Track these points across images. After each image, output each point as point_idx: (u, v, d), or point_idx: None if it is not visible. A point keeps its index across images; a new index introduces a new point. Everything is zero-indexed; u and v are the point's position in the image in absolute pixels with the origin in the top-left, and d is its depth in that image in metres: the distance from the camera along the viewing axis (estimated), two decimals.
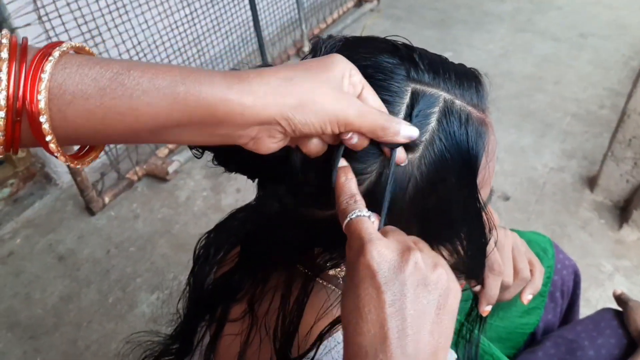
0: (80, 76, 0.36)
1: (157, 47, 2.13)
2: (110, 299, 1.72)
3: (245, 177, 0.56)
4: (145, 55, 2.08)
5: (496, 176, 2.04)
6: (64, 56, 0.37)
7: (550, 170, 2.12)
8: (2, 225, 1.99)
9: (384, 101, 0.47)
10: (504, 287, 0.72)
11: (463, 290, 0.78)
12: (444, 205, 0.50)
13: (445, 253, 0.55)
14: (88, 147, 0.44)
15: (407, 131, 0.45)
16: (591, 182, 2.01)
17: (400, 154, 0.46)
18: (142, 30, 2.03)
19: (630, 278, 1.67)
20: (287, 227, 0.52)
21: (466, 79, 0.51)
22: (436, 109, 0.48)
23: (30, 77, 0.35)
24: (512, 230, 0.90)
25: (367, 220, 0.43)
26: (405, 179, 0.48)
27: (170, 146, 2.23)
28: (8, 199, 2.05)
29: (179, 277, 1.74)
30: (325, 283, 0.59)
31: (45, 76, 0.35)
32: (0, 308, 1.71)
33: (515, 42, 3.06)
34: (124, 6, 1.94)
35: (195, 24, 2.28)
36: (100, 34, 1.89)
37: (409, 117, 0.47)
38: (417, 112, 0.47)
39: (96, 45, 1.90)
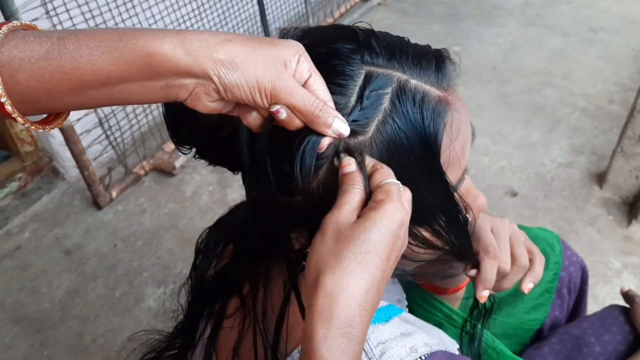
0: (26, 43, 0.40)
1: None
2: (116, 293, 1.72)
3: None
4: None
5: (504, 172, 2.04)
6: (12, 31, 0.41)
7: (558, 166, 2.10)
8: (9, 219, 2.00)
9: (338, 85, 0.48)
10: (501, 275, 0.72)
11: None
12: (410, 186, 0.49)
13: (427, 235, 0.55)
14: (55, 115, 0.47)
15: (337, 126, 0.45)
16: (600, 178, 1.99)
17: (323, 142, 0.46)
18: (149, 25, 2.03)
19: (638, 275, 1.66)
20: (267, 216, 0.52)
21: (425, 59, 0.51)
22: (389, 90, 0.49)
23: None
24: (519, 225, 0.90)
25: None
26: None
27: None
28: (16, 193, 2.06)
29: (184, 271, 1.75)
30: None
31: None
32: (7, 302, 1.72)
33: (525, 37, 3.04)
34: (131, 0, 1.94)
35: (202, 19, 2.28)
36: (107, 28, 1.89)
37: (360, 98, 0.48)
38: (369, 93, 0.48)
39: None
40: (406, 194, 0.48)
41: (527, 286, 0.75)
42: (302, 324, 0.55)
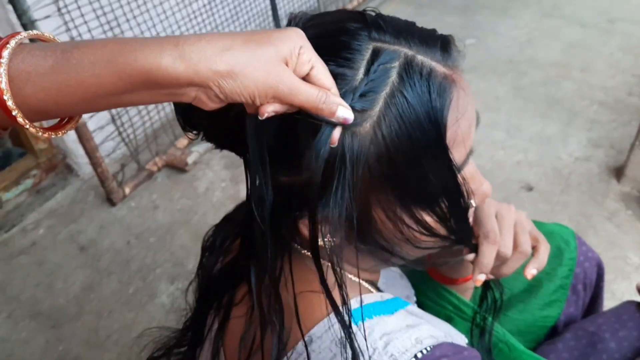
0: (32, 57, 0.41)
1: None
2: (130, 289, 1.73)
3: None
4: None
5: (520, 166, 2.01)
6: (20, 45, 0.42)
7: (575, 160, 2.06)
8: (25, 215, 2.02)
9: (345, 58, 0.48)
10: (501, 260, 0.72)
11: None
12: (414, 164, 0.50)
13: (429, 219, 0.54)
14: (67, 119, 0.48)
15: (342, 113, 0.46)
16: (618, 172, 1.95)
17: (334, 134, 0.47)
18: (161, 21, 2.04)
19: None
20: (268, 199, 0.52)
21: (431, 39, 0.52)
22: (396, 64, 0.49)
23: None
24: (535, 221, 0.88)
25: None
26: (367, 134, 0.49)
27: (190, 136, 2.24)
28: (31, 189, 2.08)
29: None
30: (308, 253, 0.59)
31: (3, 60, 0.40)
32: (23, 297, 1.74)
33: (541, 28, 2.99)
34: None
35: (213, 14, 2.28)
36: (119, 25, 1.90)
37: (367, 72, 0.48)
38: (377, 67, 0.48)
39: (115, 36, 1.91)
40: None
41: (531, 272, 0.75)
42: (311, 314, 0.55)
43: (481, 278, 0.70)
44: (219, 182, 2.11)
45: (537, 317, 0.90)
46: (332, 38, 0.49)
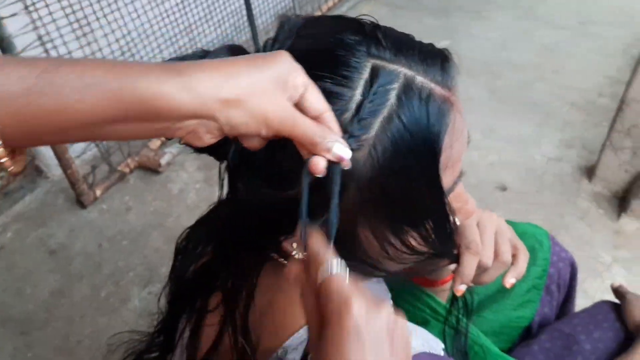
0: (5, 76, 0.34)
1: (147, 36, 2.09)
2: (102, 293, 1.70)
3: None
4: (135, 45, 2.05)
5: (494, 166, 2.03)
6: None
7: (549, 161, 2.09)
8: None
9: (343, 76, 0.46)
10: (482, 269, 0.71)
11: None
12: (405, 188, 0.48)
13: (414, 241, 0.53)
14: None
15: (338, 151, 0.43)
16: (590, 172, 1.98)
17: (317, 164, 0.43)
18: (132, 20, 2.00)
19: (629, 269, 1.65)
20: (253, 211, 0.51)
21: (431, 56, 0.50)
22: (395, 85, 0.47)
23: None
24: (508, 221, 0.89)
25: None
26: (361, 158, 0.46)
27: (162, 138, 2.21)
28: None
29: None
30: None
31: None
32: None
33: (516, 31, 3.02)
34: None
35: (186, 13, 2.24)
36: (89, 23, 1.86)
37: (367, 93, 0.46)
38: (376, 89, 0.46)
39: (85, 35, 1.87)
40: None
41: (509, 281, 0.74)
42: (288, 324, 0.54)
43: (462, 288, 0.70)
44: (193, 183, 2.08)
45: (511, 317, 0.90)
46: (329, 52, 0.47)
